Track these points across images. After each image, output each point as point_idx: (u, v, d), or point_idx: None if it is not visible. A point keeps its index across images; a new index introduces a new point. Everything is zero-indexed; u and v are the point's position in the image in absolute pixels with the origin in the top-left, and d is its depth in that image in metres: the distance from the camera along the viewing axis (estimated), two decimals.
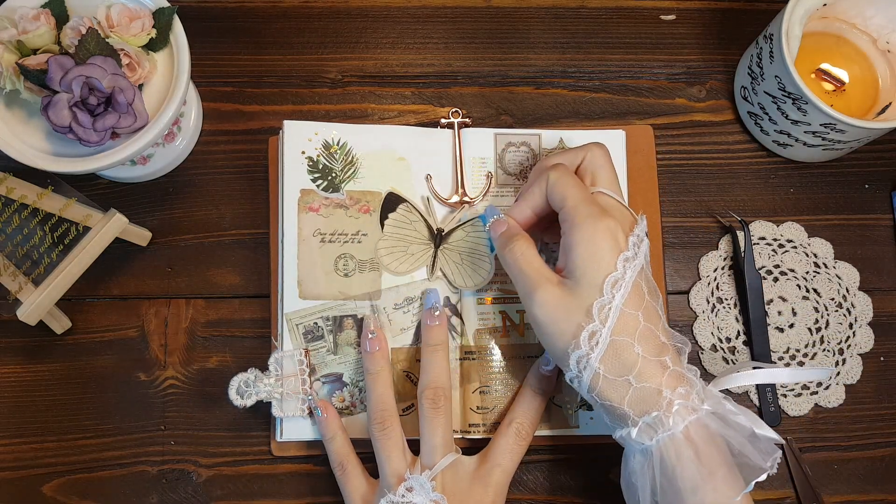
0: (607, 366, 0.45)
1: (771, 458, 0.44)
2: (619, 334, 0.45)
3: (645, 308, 0.46)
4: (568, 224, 0.47)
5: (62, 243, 0.53)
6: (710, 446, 0.44)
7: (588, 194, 0.48)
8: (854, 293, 0.59)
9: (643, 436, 0.45)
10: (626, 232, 0.47)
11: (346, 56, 0.63)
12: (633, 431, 0.45)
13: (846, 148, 0.58)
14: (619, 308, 0.45)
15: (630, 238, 0.47)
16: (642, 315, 0.45)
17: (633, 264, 0.46)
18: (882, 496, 0.57)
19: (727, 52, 0.63)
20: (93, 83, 0.49)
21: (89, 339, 0.58)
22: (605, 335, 0.45)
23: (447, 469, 0.50)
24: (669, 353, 0.46)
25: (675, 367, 0.45)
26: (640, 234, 0.48)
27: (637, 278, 0.46)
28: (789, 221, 0.60)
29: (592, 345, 0.45)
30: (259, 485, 0.57)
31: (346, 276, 0.56)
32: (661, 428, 0.44)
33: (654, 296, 0.47)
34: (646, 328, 0.45)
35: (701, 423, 0.44)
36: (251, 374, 0.54)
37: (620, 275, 0.45)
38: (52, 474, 0.56)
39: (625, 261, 0.46)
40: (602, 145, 0.51)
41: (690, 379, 0.45)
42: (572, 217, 0.47)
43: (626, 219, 0.48)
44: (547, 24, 0.64)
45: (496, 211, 0.52)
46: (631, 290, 0.45)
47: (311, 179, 0.56)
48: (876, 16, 0.59)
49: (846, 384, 0.58)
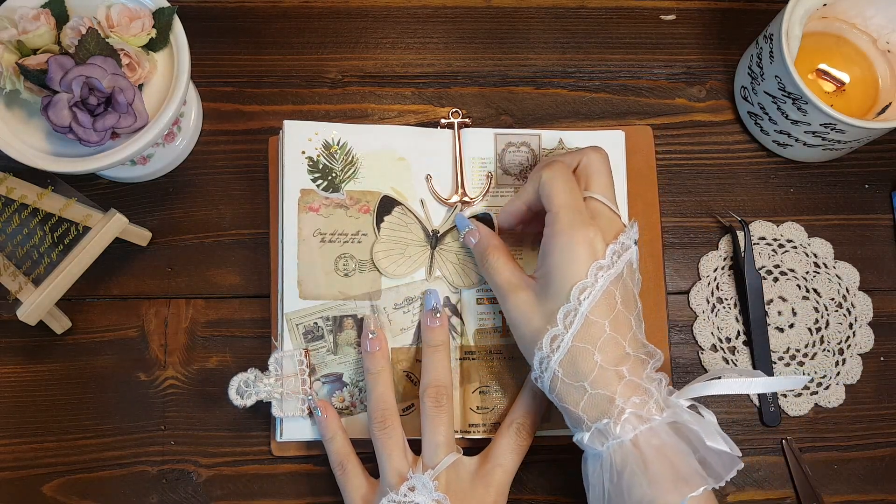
0: (566, 370, 0.46)
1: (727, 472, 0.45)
2: (581, 341, 0.46)
3: (614, 317, 0.46)
4: (549, 228, 0.48)
5: (62, 243, 0.53)
6: (660, 456, 0.44)
7: (575, 199, 0.48)
8: (854, 293, 0.59)
9: (595, 441, 0.46)
10: (607, 240, 0.47)
11: (346, 56, 0.63)
12: (586, 436, 0.46)
13: (846, 148, 0.58)
14: (584, 315, 0.46)
15: (610, 247, 0.47)
16: (609, 324, 0.46)
17: (606, 273, 0.46)
18: (882, 496, 0.57)
19: (727, 52, 0.63)
20: (93, 83, 0.49)
21: (89, 339, 0.58)
22: (566, 340, 0.46)
23: (449, 469, 0.50)
24: (629, 363, 0.46)
25: (631, 377, 0.46)
26: (626, 242, 0.48)
27: (611, 287, 0.46)
28: (789, 221, 0.60)
29: (553, 348, 0.46)
30: (259, 485, 0.57)
31: (346, 276, 0.56)
32: (611, 435, 0.45)
33: (629, 305, 0.47)
34: (611, 337, 0.46)
35: (652, 433, 0.44)
36: (251, 374, 0.54)
37: (591, 283, 0.46)
38: (52, 474, 0.56)
39: (598, 269, 0.46)
40: (600, 149, 0.52)
41: (647, 389, 0.46)
42: (553, 222, 0.48)
43: (611, 227, 0.48)
44: (547, 24, 0.64)
45: (466, 222, 0.54)
46: (600, 299, 0.46)
47: (311, 179, 0.56)
48: (876, 16, 0.59)
49: (846, 384, 0.58)
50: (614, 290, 0.46)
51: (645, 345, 0.48)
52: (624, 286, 0.47)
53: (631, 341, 0.46)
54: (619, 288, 0.47)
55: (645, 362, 0.47)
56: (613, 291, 0.46)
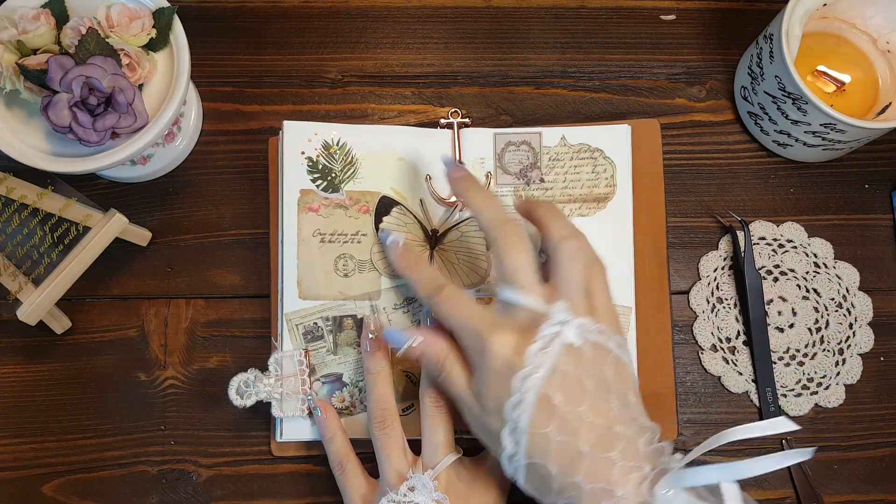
0: (533, 486, 0.44)
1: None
2: (533, 458, 0.43)
3: (559, 421, 0.42)
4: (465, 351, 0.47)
5: (62, 243, 0.53)
6: None
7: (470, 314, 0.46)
8: (854, 293, 0.59)
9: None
10: (528, 339, 0.44)
11: (346, 56, 0.63)
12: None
13: (846, 148, 0.58)
14: (526, 432, 0.43)
15: (528, 350, 0.43)
16: (554, 431, 0.42)
17: (532, 378, 0.43)
18: (882, 496, 0.57)
19: (727, 52, 0.63)
20: (93, 83, 0.49)
21: (89, 339, 0.58)
22: (520, 459, 0.44)
23: (449, 469, 0.50)
24: (584, 468, 0.42)
25: (591, 484, 0.42)
26: (549, 334, 0.44)
27: (544, 391, 0.42)
28: (789, 221, 0.60)
29: (514, 469, 0.44)
30: (259, 485, 0.57)
31: (345, 277, 0.56)
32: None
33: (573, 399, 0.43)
34: (560, 443, 0.42)
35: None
36: (251, 375, 0.54)
37: (518, 399, 0.43)
38: (52, 474, 0.57)
39: (522, 380, 0.43)
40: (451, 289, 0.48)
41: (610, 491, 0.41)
42: (464, 347, 0.47)
43: (530, 328, 0.44)
44: (547, 24, 0.64)
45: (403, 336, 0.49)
46: (535, 410, 0.42)
47: (310, 180, 0.56)
48: (876, 16, 0.59)
49: (846, 384, 0.58)
50: (549, 392, 0.42)
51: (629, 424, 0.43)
52: (564, 380, 0.43)
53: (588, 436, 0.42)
54: (556, 387, 0.43)
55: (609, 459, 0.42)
56: (548, 395, 0.42)
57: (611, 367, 0.44)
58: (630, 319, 0.56)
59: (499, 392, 0.44)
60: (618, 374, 0.45)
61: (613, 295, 0.57)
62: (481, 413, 0.46)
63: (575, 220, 0.57)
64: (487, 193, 0.50)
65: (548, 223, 0.49)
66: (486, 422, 0.45)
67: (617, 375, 0.45)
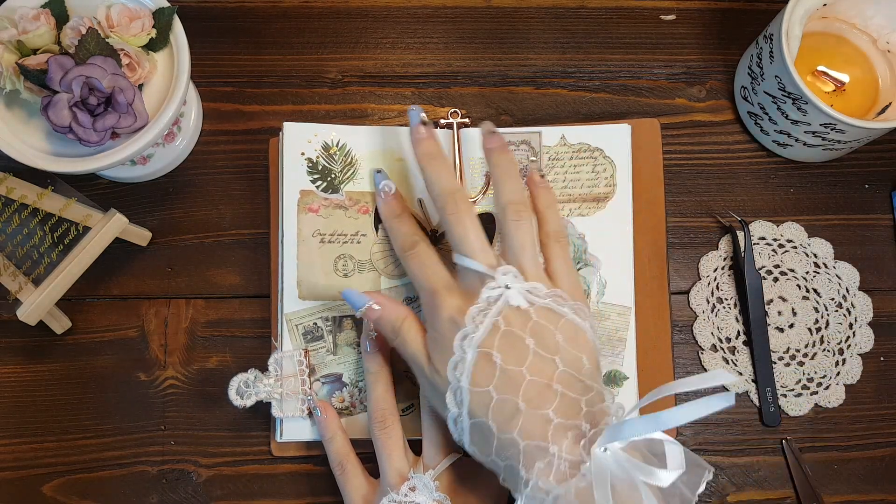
0: (478, 447, 0.45)
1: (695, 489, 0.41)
2: (475, 416, 0.44)
3: (496, 383, 0.43)
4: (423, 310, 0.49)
5: (62, 243, 0.53)
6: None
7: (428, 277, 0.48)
8: (854, 293, 0.59)
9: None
10: (472, 301, 0.45)
11: (346, 56, 0.63)
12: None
13: (846, 148, 0.58)
14: (467, 391, 0.44)
15: (470, 310, 0.45)
16: (493, 389, 0.43)
17: (472, 339, 0.44)
18: (882, 496, 0.57)
19: (727, 52, 0.63)
20: (93, 83, 0.49)
21: (89, 339, 0.58)
22: (464, 419, 0.45)
23: (450, 469, 0.50)
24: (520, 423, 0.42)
25: (527, 440, 0.42)
26: (491, 296, 0.45)
27: (483, 350, 0.44)
28: (789, 221, 0.60)
29: (459, 431, 0.45)
30: (259, 485, 0.57)
31: (345, 277, 0.56)
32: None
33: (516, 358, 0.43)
34: (499, 401, 0.43)
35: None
36: (251, 375, 0.54)
37: (459, 358, 0.44)
38: (52, 474, 0.57)
39: (462, 339, 0.44)
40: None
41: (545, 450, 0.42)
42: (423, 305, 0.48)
43: (479, 285, 0.46)
44: (547, 24, 0.64)
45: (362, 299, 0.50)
46: (475, 368, 0.44)
47: (310, 180, 0.56)
48: (876, 16, 0.59)
49: (846, 384, 0.58)
50: (490, 351, 0.44)
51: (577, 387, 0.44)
52: (507, 339, 0.44)
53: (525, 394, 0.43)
54: (497, 346, 0.44)
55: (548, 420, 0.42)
56: (489, 354, 0.44)
57: (562, 331, 0.45)
58: (630, 319, 0.56)
59: (444, 352, 0.45)
60: (570, 339, 0.45)
61: (613, 295, 0.57)
62: (432, 374, 0.46)
63: (575, 219, 0.57)
64: (441, 162, 0.51)
65: (497, 185, 0.51)
66: (436, 383, 0.46)
67: (569, 339, 0.45)
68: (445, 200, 0.49)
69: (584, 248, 0.57)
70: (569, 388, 0.43)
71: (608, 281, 0.57)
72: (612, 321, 0.56)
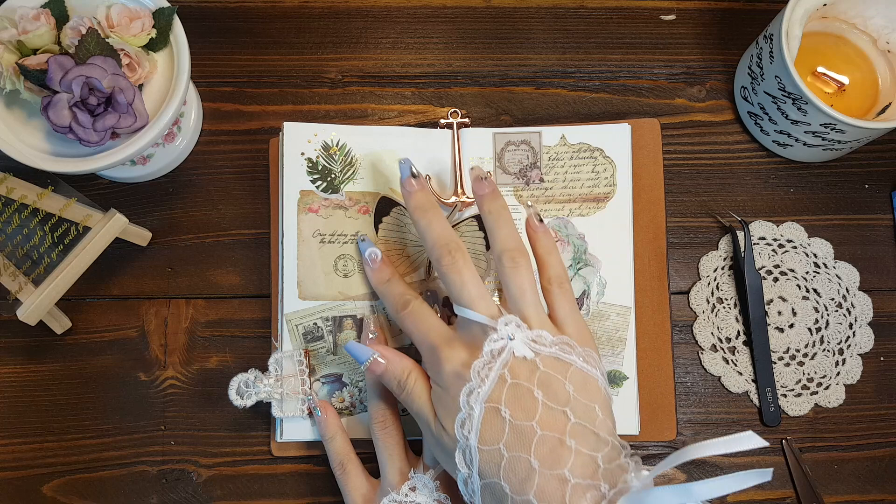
0: (486, 501, 0.43)
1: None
2: (487, 477, 0.42)
3: (507, 439, 0.42)
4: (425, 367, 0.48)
5: (62, 243, 0.53)
6: None
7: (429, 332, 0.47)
8: (854, 293, 0.59)
9: None
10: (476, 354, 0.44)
11: (346, 56, 0.63)
12: None
13: (846, 148, 0.58)
14: (476, 449, 0.42)
15: (474, 364, 0.44)
16: (504, 446, 0.42)
17: (477, 394, 0.43)
18: (882, 496, 0.57)
19: (727, 52, 0.63)
20: (93, 83, 0.49)
21: (89, 339, 0.58)
22: (476, 481, 0.43)
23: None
24: (535, 485, 0.41)
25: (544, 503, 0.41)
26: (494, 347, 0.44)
27: (491, 405, 0.42)
28: (789, 221, 0.60)
29: (470, 493, 0.44)
30: (259, 485, 0.57)
31: (345, 277, 0.56)
32: None
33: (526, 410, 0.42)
34: (511, 459, 0.41)
35: None
36: (251, 375, 0.54)
37: (466, 414, 0.43)
38: (52, 474, 0.57)
39: (468, 395, 0.43)
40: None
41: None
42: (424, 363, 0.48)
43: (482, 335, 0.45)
44: (547, 24, 0.64)
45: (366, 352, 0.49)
46: (483, 424, 0.42)
47: (310, 181, 0.56)
48: (876, 16, 0.59)
49: (846, 384, 0.58)
50: (498, 406, 0.42)
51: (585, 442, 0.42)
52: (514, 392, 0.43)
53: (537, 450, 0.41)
54: (504, 400, 0.42)
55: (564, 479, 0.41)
56: (497, 409, 0.42)
57: (572, 381, 0.44)
58: (630, 319, 0.56)
59: (450, 408, 0.44)
60: (581, 388, 0.44)
61: (613, 295, 0.57)
62: (439, 431, 0.45)
63: (575, 219, 0.57)
64: (433, 213, 0.50)
65: (491, 233, 0.49)
66: (443, 442, 0.45)
67: (579, 389, 0.44)
68: (441, 252, 0.48)
69: (584, 248, 0.57)
70: (583, 442, 0.42)
71: (608, 281, 0.57)
72: (612, 321, 0.56)
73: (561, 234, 0.57)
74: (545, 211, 0.57)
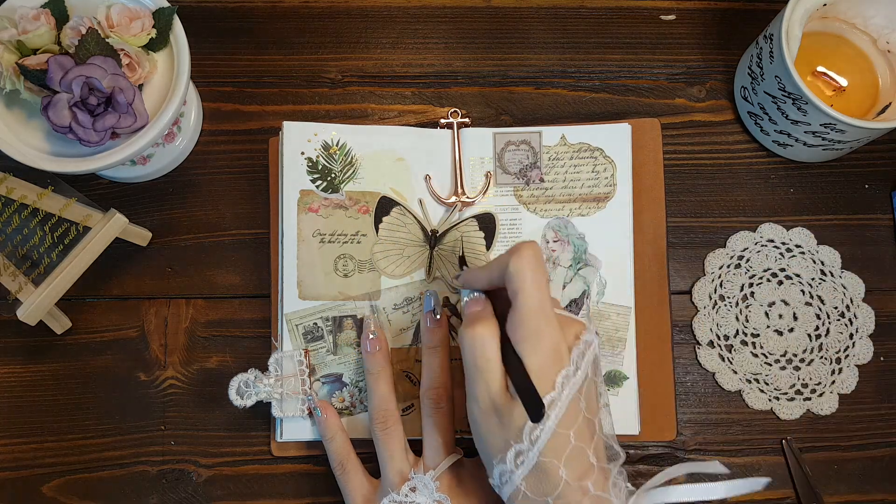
0: (529, 484, 0.44)
1: None
2: (546, 456, 0.43)
3: (578, 426, 0.43)
4: (514, 332, 0.44)
5: (62, 243, 0.53)
6: None
7: (542, 298, 0.45)
8: (858, 304, 0.59)
9: None
10: (570, 343, 0.45)
11: (346, 56, 0.63)
12: None
13: (846, 148, 0.58)
14: (551, 430, 0.43)
15: (574, 350, 0.44)
16: (574, 434, 0.43)
17: (572, 381, 0.44)
18: (882, 496, 0.57)
19: (727, 52, 0.63)
20: (93, 83, 0.49)
21: (89, 339, 0.58)
22: (532, 456, 0.43)
23: (450, 469, 0.50)
24: (594, 475, 0.43)
25: (596, 491, 0.43)
26: (588, 339, 0.46)
27: (576, 393, 0.44)
28: (799, 227, 0.60)
29: (518, 463, 0.44)
30: (259, 485, 0.57)
31: (345, 277, 0.56)
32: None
33: (592, 408, 0.45)
34: (575, 448, 0.43)
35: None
36: (251, 375, 0.54)
37: (557, 395, 0.43)
38: (52, 474, 0.57)
39: (564, 378, 0.43)
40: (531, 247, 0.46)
41: (610, 501, 0.43)
42: (518, 326, 0.44)
43: (571, 326, 0.46)
44: (547, 24, 0.64)
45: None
46: (567, 410, 0.43)
47: (310, 180, 0.56)
48: (876, 16, 0.59)
49: (840, 393, 0.58)
50: (580, 396, 0.44)
51: (608, 446, 0.46)
52: (589, 388, 0.45)
53: (595, 449, 0.44)
54: (584, 392, 0.44)
55: (608, 471, 0.44)
56: (579, 398, 0.44)
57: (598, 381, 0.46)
58: (630, 319, 0.56)
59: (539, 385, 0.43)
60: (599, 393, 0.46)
61: (613, 295, 0.57)
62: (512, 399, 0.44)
63: (575, 219, 0.57)
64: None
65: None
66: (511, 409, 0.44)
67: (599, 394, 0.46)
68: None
69: (584, 248, 0.57)
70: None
71: (608, 281, 0.57)
72: (612, 321, 0.56)
73: (561, 234, 0.57)
74: (545, 211, 0.57)
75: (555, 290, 0.56)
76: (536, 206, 0.57)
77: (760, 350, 0.58)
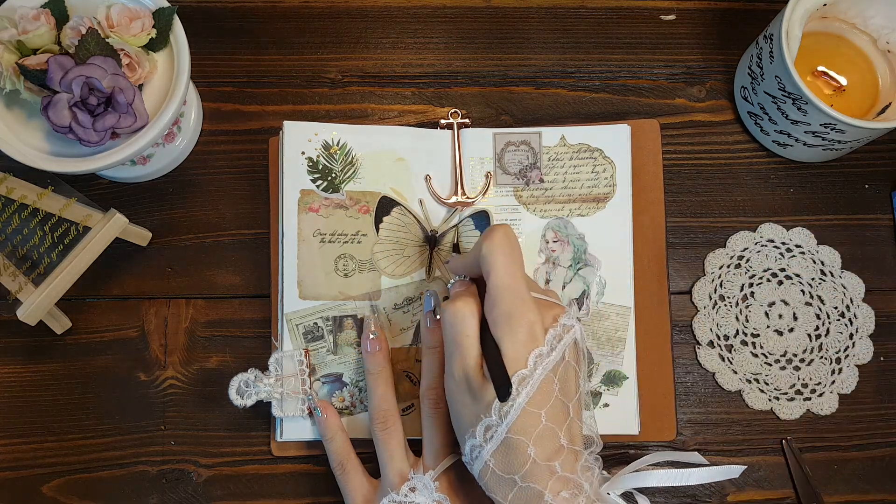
0: (498, 461, 0.44)
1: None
2: (516, 433, 0.43)
3: (551, 407, 0.44)
4: (489, 312, 0.45)
5: (62, 243, 0.53)
6: None
7: (515, 278, 0.45)
8: (858, 304, 0.59)
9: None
10: (547, 325, 0.45)
11: (346, 56, 0.63)
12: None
13: (846, 148, 0.58)
14: (521, 407, 0.43)
15: (550, 332, 0.45)
16: (545, 415, 0.43)
17: (545, 361, 0.44)
18: (882, 496, 0.57)
19: (727, 52, 0.63)
20: (93, 83, 0.49)
21: (89, 339, 0.58)
22: (500, 432, 0.43)
23: (450, 470, 0.51)
24: (563, 456, 0.44)
25: (563, 472, 0.43)
26: (567, 323, 0.46)
27: (550, 374, 0.44)
28: (799, 227, 0.60)
29: (487, 438, 0.44)
30: (259, 485, 0.57)
31: (345, 277, 0.56)
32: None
33: (568, 392, 0.45)
34: (546, 428, 0.43)
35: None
36: (251, 374, 0.54)
37: (529, 372, 0.43)
38: (52, 474, 0.57)
39: (537, 357, 0.44)
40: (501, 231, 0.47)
41: (579, 484, 0.43)
42: (492, 306, 0.45)
43: (550, 309, 0.46)
44: (547, 24, 0.64)
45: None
46: (538, 389, 0.43)
47: (310, 180, 0.56)
48: (876, 16, 0.59)
49: (840, 393, 0.58)
50: (553, 377, 0.44)
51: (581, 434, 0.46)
52: (565, 371, 0.45)
53: (566, 431, 0.44)
54: (559, 374, 0.44)
55: (579, 454, 0.45)
56: (552, 379, 0.44)
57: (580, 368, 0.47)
58: (630, 319, 0.56)
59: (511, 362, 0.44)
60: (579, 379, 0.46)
61: (613, 295, 0.57)
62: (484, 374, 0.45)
63: (575, 219, 0.57)
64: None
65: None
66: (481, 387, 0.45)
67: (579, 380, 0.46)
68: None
69: (583, 248, 0.57)
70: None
71: (608, 281, 0.57)
72: (611, 321, 0.56)
73: (561, 234, 0.57)
74: (545, 211, 0.57)
75: (555, 290, 0.56)
76: (536, 207, 0.57)
77: (760, 350, 0.58)
